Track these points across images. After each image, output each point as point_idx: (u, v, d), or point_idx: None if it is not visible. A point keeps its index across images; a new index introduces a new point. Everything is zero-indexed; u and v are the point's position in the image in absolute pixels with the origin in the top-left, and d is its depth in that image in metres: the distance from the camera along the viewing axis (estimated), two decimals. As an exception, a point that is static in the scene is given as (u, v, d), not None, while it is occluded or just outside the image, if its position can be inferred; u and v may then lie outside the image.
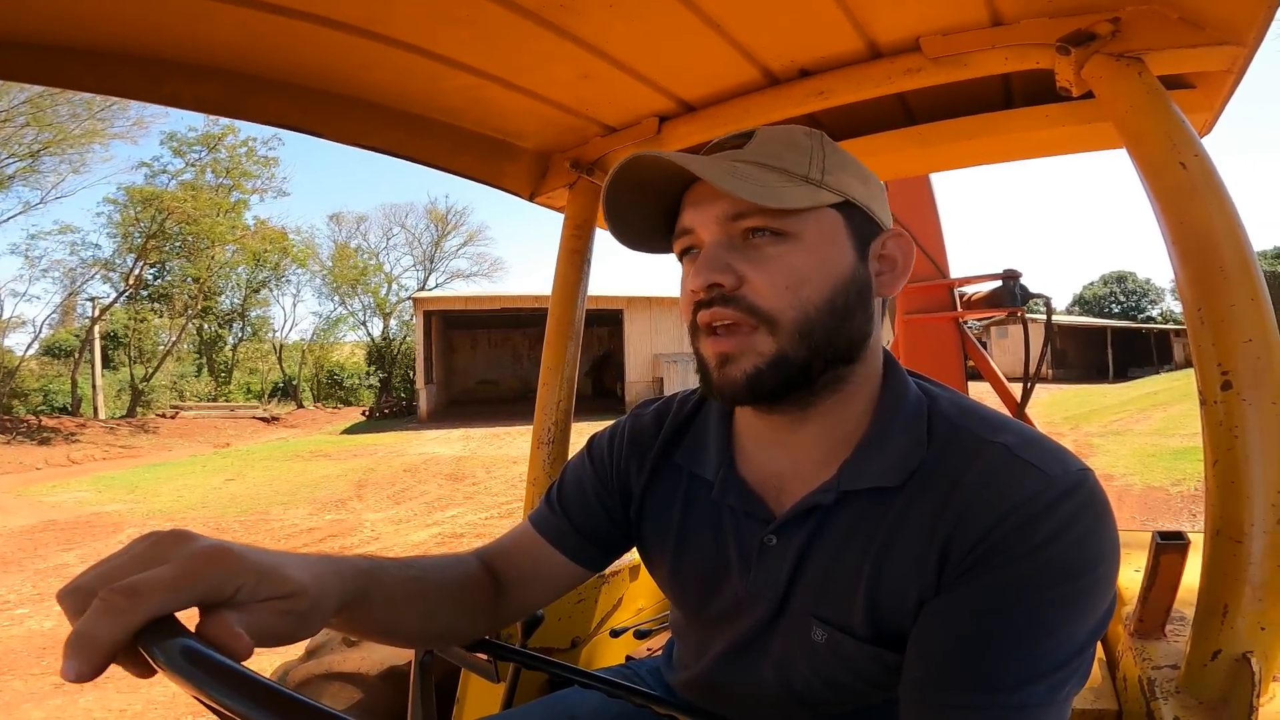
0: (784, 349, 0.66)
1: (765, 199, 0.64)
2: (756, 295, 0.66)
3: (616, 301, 20.40)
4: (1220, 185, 0.88)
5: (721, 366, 0.67)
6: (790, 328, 0.65)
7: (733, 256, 0.66)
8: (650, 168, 0.68)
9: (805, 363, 0.66)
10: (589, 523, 0.87)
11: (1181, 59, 0.97)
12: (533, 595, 0.87)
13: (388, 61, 1.19)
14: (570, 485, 0.90)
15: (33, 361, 21.69)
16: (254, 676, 0.43)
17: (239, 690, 0.42)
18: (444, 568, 0.79)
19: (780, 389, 0.67)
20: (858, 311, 0.69)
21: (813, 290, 0.66)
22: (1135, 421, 13.44)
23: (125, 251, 21.88)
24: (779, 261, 0.66)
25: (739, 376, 0.66)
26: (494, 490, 9.26)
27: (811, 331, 0.66)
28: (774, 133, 0.72)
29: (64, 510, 8.56)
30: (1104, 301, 58.97)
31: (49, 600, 5.08)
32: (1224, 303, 0.86)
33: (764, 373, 0.66)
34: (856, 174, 0.72)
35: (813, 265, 0.66)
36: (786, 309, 0.65)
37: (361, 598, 0.64)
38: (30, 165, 17.81)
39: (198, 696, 0.44)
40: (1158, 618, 1.03)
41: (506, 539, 0.90)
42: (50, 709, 3.36)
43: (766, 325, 0.65)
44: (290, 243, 26.80)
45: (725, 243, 0.67)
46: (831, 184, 0.68)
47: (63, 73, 1.06)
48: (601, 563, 0.89)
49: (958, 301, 3.02)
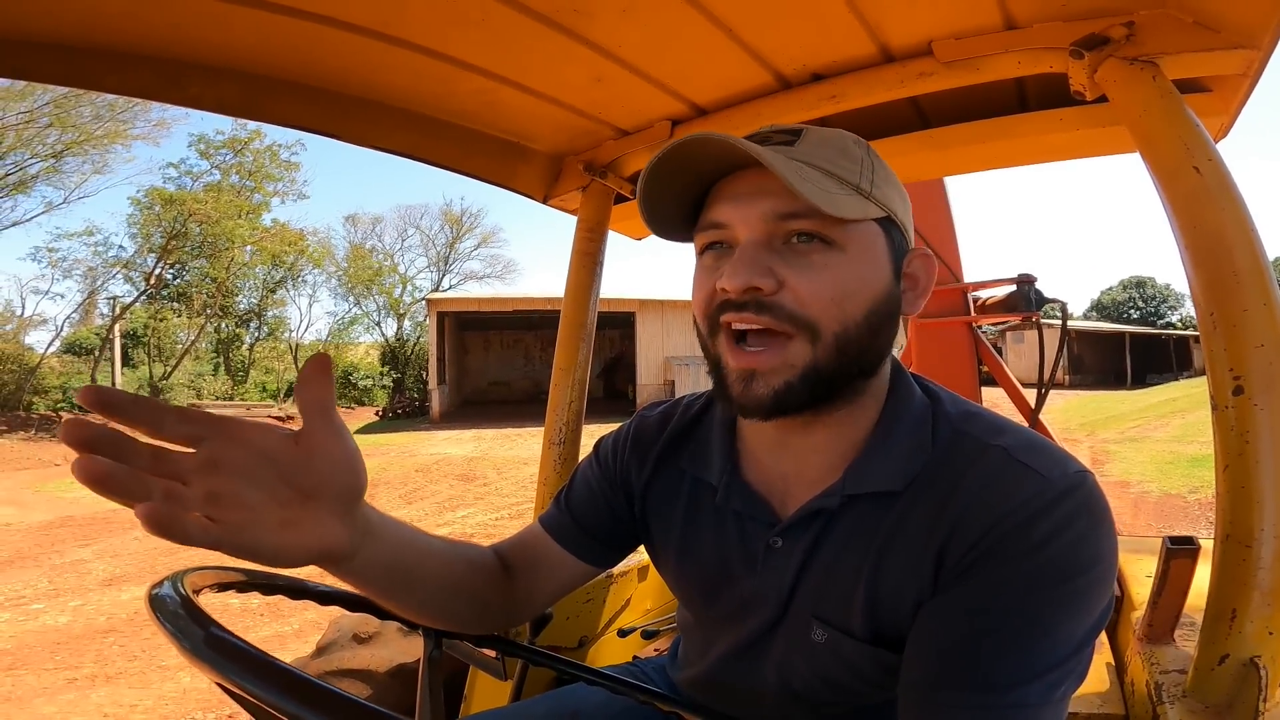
0: (818, 360, 0.63)
1: (827, 204, 0.61)
2: (798, 302, 0.63)
3: (628, 304, 20.42)
4: (1234, 190, 0.88)
5: (748, 382, 0.64)
6: (830, 340, 0.63)
7: (773, 260, 0.63)
8: (702, 152, 0.65)
9: (834, 375, 0.64)
10: (595, 521, 0.88)
11: (1196, 63, 0.97)
12: (542, 591, 0.89)
13: (402, 64, 1.21)
14: (578, 486, 0.92)
15: (54, 359, 22.00)
16: (278, 664, 0.44)
17: (262, 676, 0.43)
18: (463, 553, 0.81)
19: (806, 403, 0.65)
20: (887, 329, 0.68)
21: (855, 306, 0.64)
22: (1153, 428, 13.26)
23: (146, 251, 22.19)
24: (827, 272, 0.63)
25: (766, 394, 0.64)
26: (505, 491, 9.29)
27: (848, 346, 0.64)
28: (825, 135, 0.69)
29: (81, 506, 8.67)
30: (1123, 307, 58.24)
31: (64, 595, 5.16)
32: (1237, 307, 0.85)
33: (794, 387, 0.63)
34: (898, 190, 0.70)
35: (857, 279, 0.65)
36: (831, 321, 0.63)
37: (389, 549, 0.66)
38: (53, 165, 18.09)
39: (220, 683, 0.45)
40: (1167, 623, 1.02)
41: (518, 536, 0.92)
42: (63, 704, 3.39)
43: (807, 333, 0.63)
44: (306, 244, 27.05)
45: (764, 243, 0.64)
46: (879, 198, 0.67)
47: (87, 74, 1.09)
48: (608, 560, 0.90)
49: (971, 306, 3.00)
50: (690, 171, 0.68)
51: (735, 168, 0.67)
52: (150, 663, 3.85)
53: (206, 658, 0.46)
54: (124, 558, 6.16)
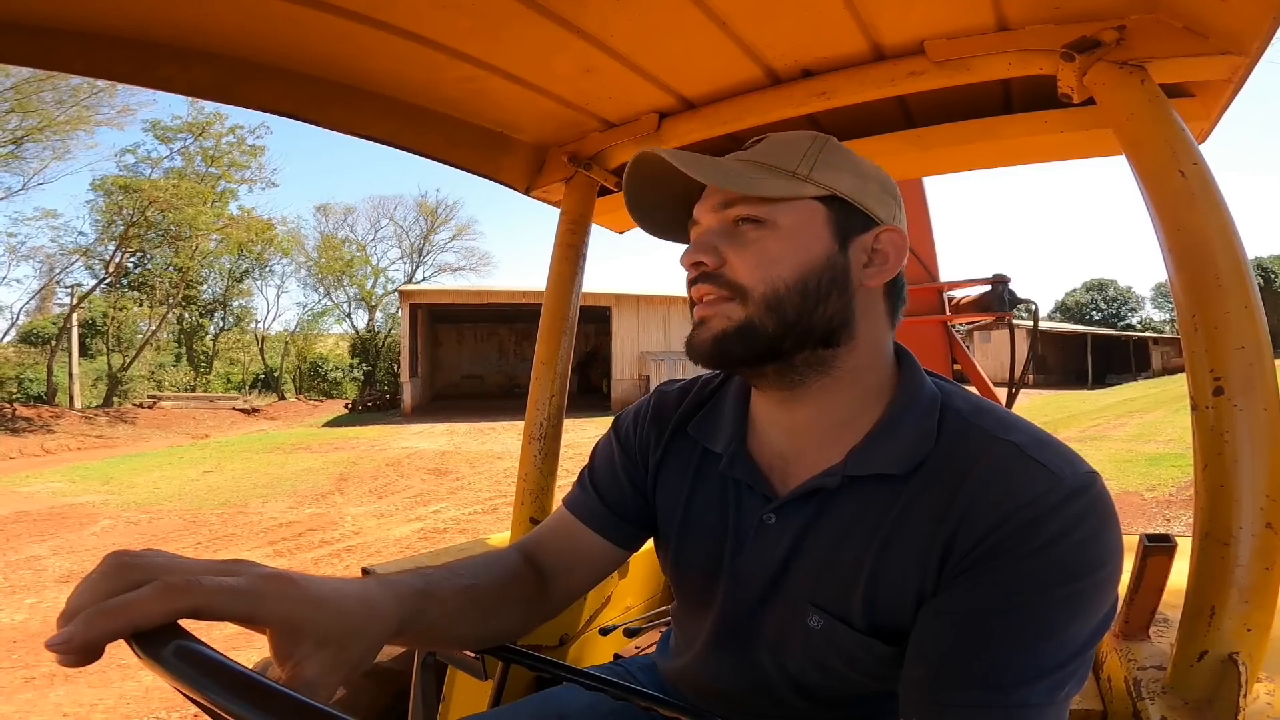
0: (751, 317, 0.70)
1: (740, 187, 0.71)
2: (734, 272, 0.72)
3: (604, 299, 20.37)
4: (1218, 194, 0.90)
5: (696, 329, 0.74)
6: (759, 300, 0.70)
7: (720, 240, 0.73)
8: (658, 164, 0.75)
9: (775, 335, 0.70)
10: (620, 499, 0.89)
11: (1183, 68, 0.98)
12: (574, 581, 0.88)
13: (387, 49, 1.18)
14: (600, 464, 0.92)
15: (9, 348, 21.27)
16: (248, 673, 0.42)
17: (232, 688, 0.41)
18: (491, 567, 0.80)
19: (748, 356, 0.71)
20: (832, 296, 0.72)
21: (784, 270, 0.71)
22: (1112, 427, 13.63)
23: (107, 239, 21.53)
24: (756, 245, 0.72)
25: (707, 337, 0.72)
26: (477, 486, 9.21)
27: (780, 306, 0.70)
28: (781, 137, 0.78)
29: (37, 501, 8.40)
30: (1085, 308, 59.82)
31: (20, 593, 4.99)
32: (1218, 310, 0.87)
33: (730, 335, 0.71)
34: (852, 171, 0.74)
35: (786, 249, 0.71)
36: (757, 284, 0.71)
37: (419, 617, 0.66)
38: (13, 151, 17.47)
39: (189, 695, 0.42)
40: (1143, 619, 1.04)
41: (543, 528, 0.92)
42: (20, 703, 3.28)
43: (739, 296, 0.71)
44: (275, 232, 26.49)
45: (717, 230, 0.74)
46: (817, 178, 0.72)
47: (55, 55, 1.04)
48: (636, 542, 0.90)
49: (946, 305, 3.04)
50: (667, 181, 0.77)
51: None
52: (110, 661, 3.70)
53: (175, 669, 0.43)
54: (81, 554, 5.96)
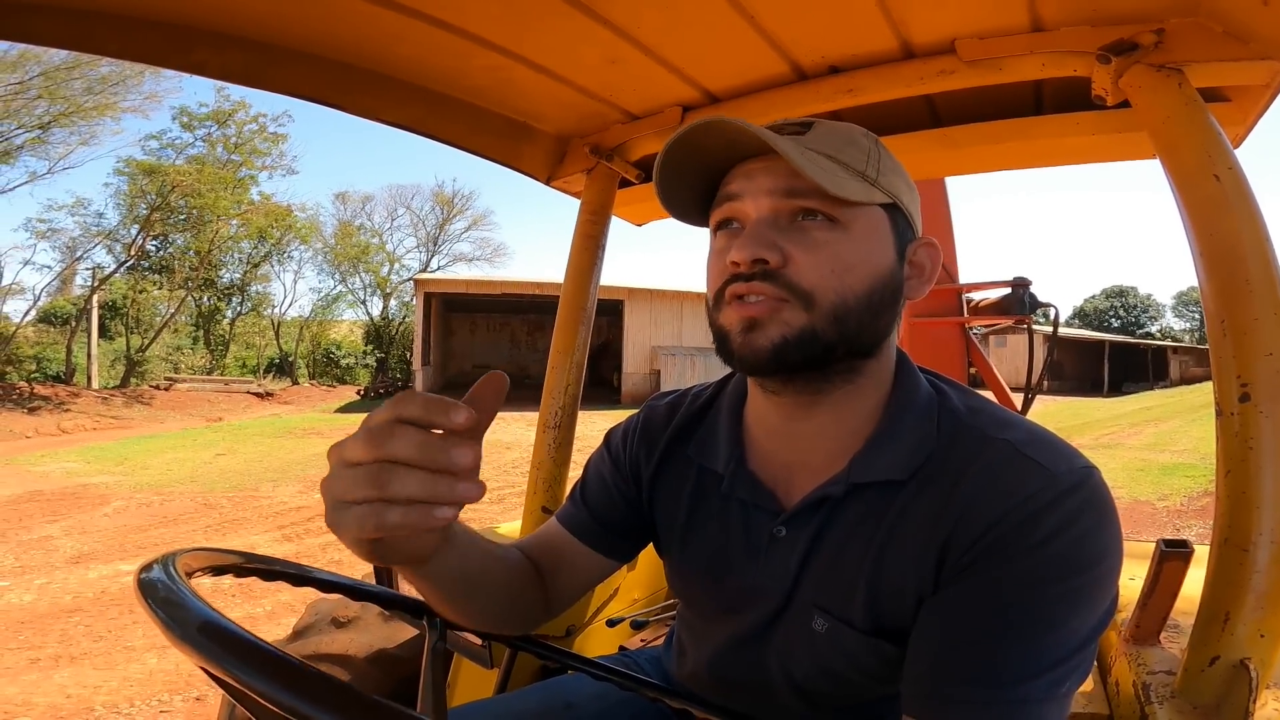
0: (814, 325, 0.65)
1: (830, 184, 0.64)
2: (799, 274, 0.65)
3: (617, 292, 20.37)
4: (1252, 199, 0.89)
5: (747, 332, 0.66)
6: (827, 309, 0.65)
7: (779, 235, 0.66)
8: (717, 135, 0.67)
9: (832, 344, 0.66)
10: (609, 513, 0.88)
11: (1222, 72, 0.97)
12: (566, 587, 0.89)
13: (415, 36, 1.18)
14: (592, 479, 0.92)
15: (29, 328, 21.56)
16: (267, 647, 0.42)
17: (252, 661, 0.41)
18: (508, 555, 0.81)
19: (803, 363, 0.66)
20: (889, 309, 0.71)
21: (855, 280, 0.67)
22: (1127, 436, 13.48)
23: (130, 223, 21.76)
24: (828, 247, 0.66)
25: (765, 344, 0.65)
26: (485, 475, 9.05)
27: (846, 318, 0.66)
28: (834, 127, 0.72)
29: (51, 480, 8.48)
30: (1104, 315, 59.16)
31: (30, 573, 5.01)
32: (1247, 316, 0.86)
33: (790, 343, 0.65)
34: (905, 180, 0.74)
35: (859, 256, 0.67)
36: (828, 291, 0.65)
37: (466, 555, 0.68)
38: (40, 136, 17.66)
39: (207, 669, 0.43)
40: (1155, 625, 1.03)
41: (539, 535, 0.92)
42: (25, 684, 3.29)
43: (802, 301, 0.65)
44: (294, 218, 26.67)
45: (771, 220, 0.67)
46: (884, 185, 0.70)
47: (91, 38, 1.05)
48: (628, 554, 0.90)
49: (965, 307, 3.02)
50: (701, 159, 0.71)
51: (745, 156, 0.70)
52: (116, 643, 3.77)
53: (200, 645, 0.43)
54: (92, 535, 6.02)
